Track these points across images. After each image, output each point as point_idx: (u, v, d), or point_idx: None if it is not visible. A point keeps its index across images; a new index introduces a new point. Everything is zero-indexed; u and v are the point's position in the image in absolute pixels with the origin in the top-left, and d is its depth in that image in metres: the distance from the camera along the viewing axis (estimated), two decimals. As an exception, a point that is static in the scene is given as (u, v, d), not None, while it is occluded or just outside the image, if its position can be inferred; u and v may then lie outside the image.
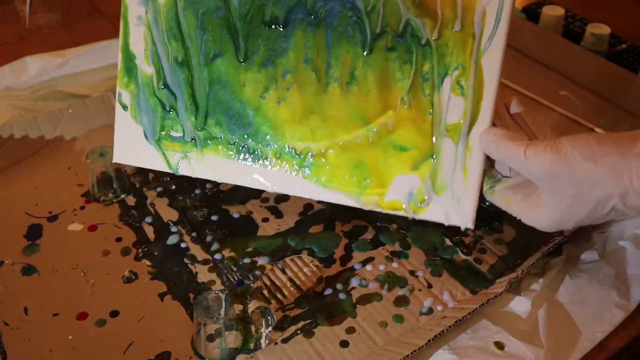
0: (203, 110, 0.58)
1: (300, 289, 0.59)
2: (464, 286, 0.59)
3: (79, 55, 0.84)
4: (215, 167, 0.58)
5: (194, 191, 0.69)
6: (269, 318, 0.54)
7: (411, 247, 0.63)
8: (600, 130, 0.77)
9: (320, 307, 0.57)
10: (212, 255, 0.62)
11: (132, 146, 0.59)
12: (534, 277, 0.59)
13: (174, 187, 0.69)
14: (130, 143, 0.59)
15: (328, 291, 0.59)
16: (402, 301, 0.58)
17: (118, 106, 0.59)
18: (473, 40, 0.52)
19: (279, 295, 0.58)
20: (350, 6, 0.54)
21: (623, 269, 0.59)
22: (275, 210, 0.67)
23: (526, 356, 0.53)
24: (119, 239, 0.64)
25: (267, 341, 0.54)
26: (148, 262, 0.62)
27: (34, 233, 0.64)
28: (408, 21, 0.53)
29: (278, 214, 0.67)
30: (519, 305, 0.57)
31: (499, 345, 0.54)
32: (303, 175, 0.57)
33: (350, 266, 0.61)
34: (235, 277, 0.60)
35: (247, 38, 0.56)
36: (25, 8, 0.95)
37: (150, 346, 0.54)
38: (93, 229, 0.65)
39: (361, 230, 0.65)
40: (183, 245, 0.63)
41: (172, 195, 0.69)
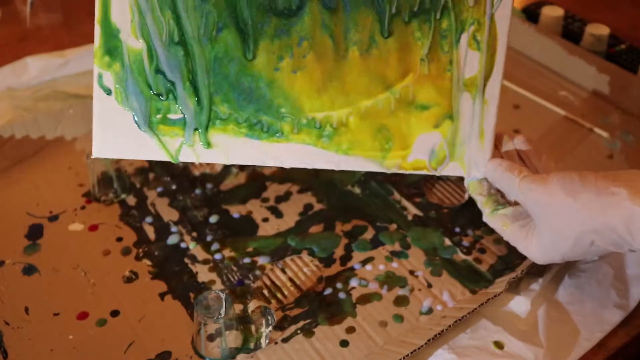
0: (206, 89, 0.52)
1: (300, 289, 0.59)
2: (464, 286, 0.59)
3: (80, 55, 0.84)
4: (225, 149, 0.54)
5: (194, 191, 0.69)
6: (269, 318, 0.55)
7: (411, 247, 0.63)
8: (600, 130, 0.77)
9: (320, 307, 0.57)
10: (213, 255, 0.62)
11: (118, 136, 0.53)
12: (534, 277, 0.59)
13: (175, 187, 0.69)
14: (115, 132, 0.53)
15: (328, 291, 0.59)
16: (402, 301, 0.58)
17: (98, 90, 0.52)
18: None
19: (279, 295, 0.58)
20: None
21: (622, 269, 0.59)
22: (275, 210, 0.67)
23: (526, 356, 0.53)
24: (120, 239, 0.64)
25: (267, 341, 0.54)
26: (148, 262, 0.62)
27: (35, 233, 0.64)
28: None
29: (278, 214, 0.67)
30: (519, 305, 0.57)
31: (499, 344, 0.54)
32: (323, 145, 0.54)
33: (350, 266, 0.61)
34: (235, 277, 0.60)
35: (257, 9, 0.52)
36: (26, 8, 0.95)
37: (150, 346, 0.55)
38: (94, 229, 0.65)
39: (361, 230, 0.65)
40: (183, 245, 0.63)
41: (173, 195, 0.69)
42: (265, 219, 0.66)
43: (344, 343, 0.55)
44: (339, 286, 0.59)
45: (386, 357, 0.52)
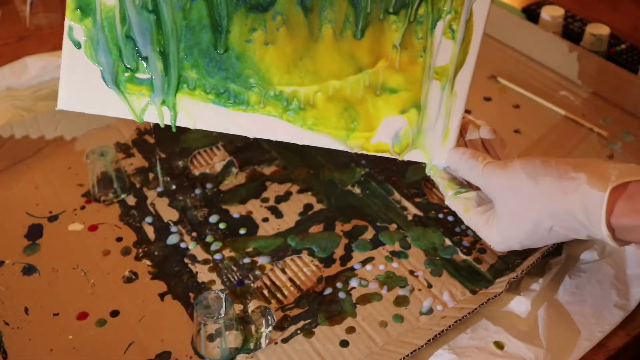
0: (175, 54, 0.52)
1: (300, 289, 0.59)
2: (464, 286, 0.59)
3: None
4: (191, 113, 0.54)
5: (194, 191, 0.69)
6: (269, 318, 0.54)
7: (411, 247, 0.63)
8: (600, 130, 0.77)
9: (320, 307, 0.57)
10: (212, 255, 0.62)
11: (85, 90, 0.52)
12: (534, 277, 0.59)
13: (174, 187, 0.69)
14: (82, 87, 0.52)
15: (328, 291, 0.59)
16: (402, 301, 0.58)
17: (67, 42, 0.51)
18: None
19: (279, 295, 0.58)
20: None
21: (622, 269, 0.59)
22: (275, 210, 0.67)
23: (526, 356, 0.53)
24: (119, 239, 0.64)
25: (267, 341, 0.54)
26: (148, 262, 0.62)
27: (35, 233, 0.64)
28: None
29: (278, 214, 0.67)
30: (519, 305, 0.57)
31: (499, 345, 0.54)
32: (288, 118, 0.54)
33: (350, 266, 0.61)
34: (235, 277, 0.60)
35: None
36: (25, 8, 0.95)
37: (150, 346, 0.55)
38: (93, 229, 0.65)
39: (361, 230, 0.65)
40: (183, 245, 0.63)
41: (172, 195, 0.69)
42: (265, 219, 0.66)
43: (344, 343, 0.55)
44: (339, 286, 0.59)
45: (386, 357, 0.52)
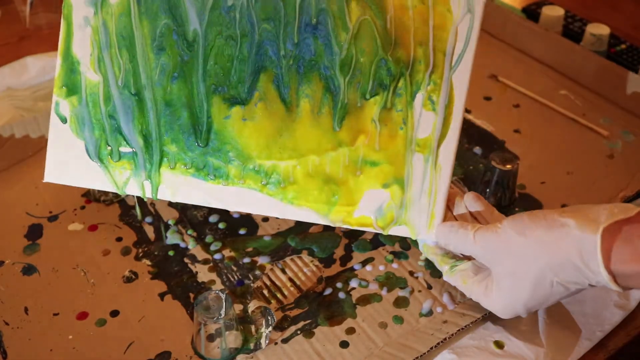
0: (157, 129, 0.54)
1: (300, 289, 0.59)
2: (464, 286, 0.59)
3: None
4: (172, 187, 0.55)
5: (194, 191, 0.69)
6: (269, 318, 0.54)
7: (411, 248, 0.63)
8: (600, 129, 0.77)
9: (320, 307, 0.57)
10: (212, 255, 0.62)
11: (70, 163, 0.54)
12: (534, 277, 0.59)
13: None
14: (67, 160, 0.54)
15: (328, 291, 0.59)
16: (402, 302, 0.58)
17: (54, 117, 0.54)
18: (444, 57, 0.52)
19: (279, 295, 0.58)
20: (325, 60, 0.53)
21: (622, 269, 0.59)
22: (275, 210, 0.67)
23: (526, 355, 0.53)
24: (119, 239, 0.64)
25: (267, 341, 0.54)
26: (148, 262, 0.62)
27: (35, 233, 0.64)
28: (383, 60, 0.53)
29: (278, 214, 0.67)
30: (519, 305, 0.57)
31: (499, 344, 0.54)
32: (268, 192, 0.55)
33: (350, 266, 0.61)
34: (235, 277, 0.60)
35: (213, 63, 0.53)
36: (25, 8, 0.95)
37: (150, 346, 0.55)
38: (93, 229, 0.65)
39: (361, 230, 0.65)
40: (183, 245, 0.63)
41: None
42: (265, 219, 0.66)
43: (344, 344, 0.55)
44: (339, 286, 0.59)
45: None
